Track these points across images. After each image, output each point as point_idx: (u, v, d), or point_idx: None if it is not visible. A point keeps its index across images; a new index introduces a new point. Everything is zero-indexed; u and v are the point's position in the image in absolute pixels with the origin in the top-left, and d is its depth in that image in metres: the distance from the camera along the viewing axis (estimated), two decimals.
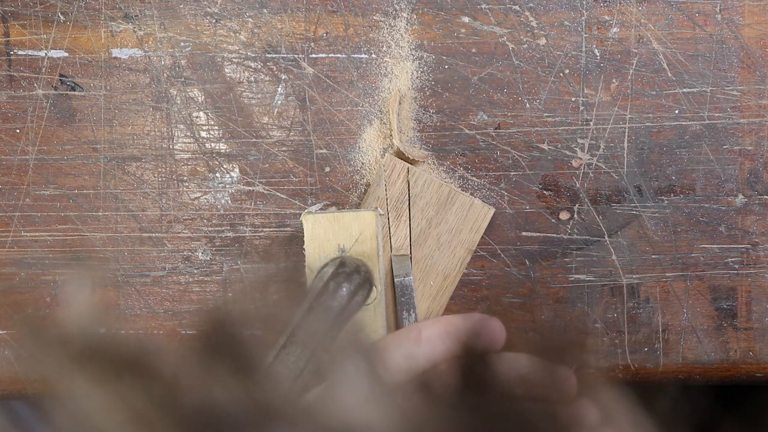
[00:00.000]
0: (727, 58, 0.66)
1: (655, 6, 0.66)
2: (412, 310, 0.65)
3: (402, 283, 0.65)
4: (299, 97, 0.67)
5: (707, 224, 0.67)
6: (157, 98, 0.67)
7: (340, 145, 0.67)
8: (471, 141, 0.66)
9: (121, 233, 0.67)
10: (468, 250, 0.66)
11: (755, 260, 0.67)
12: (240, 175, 0.67)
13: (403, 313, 0.64)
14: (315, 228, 0.62)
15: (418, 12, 0.66)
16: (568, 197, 0.67)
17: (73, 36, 0.66)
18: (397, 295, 0.65)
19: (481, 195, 0.67)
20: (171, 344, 0.67)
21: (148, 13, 0.66)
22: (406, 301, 0.65)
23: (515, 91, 0.66)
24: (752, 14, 0.65)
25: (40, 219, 0.67)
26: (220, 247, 0.67)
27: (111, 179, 0.67)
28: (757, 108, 0.66)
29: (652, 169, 0.66)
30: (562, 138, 0.66)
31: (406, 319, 0.65)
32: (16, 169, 0.67)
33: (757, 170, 0.66)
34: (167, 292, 0.68)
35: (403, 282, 0.65)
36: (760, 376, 0.68)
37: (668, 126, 0.66)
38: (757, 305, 0.67)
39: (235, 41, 0.66)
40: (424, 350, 0.58)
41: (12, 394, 0.68)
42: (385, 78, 0.66)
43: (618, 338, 0.67)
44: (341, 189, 0.67)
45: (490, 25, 0.66)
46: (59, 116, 0.67)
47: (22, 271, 0.68)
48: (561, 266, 0.67)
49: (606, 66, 0.66)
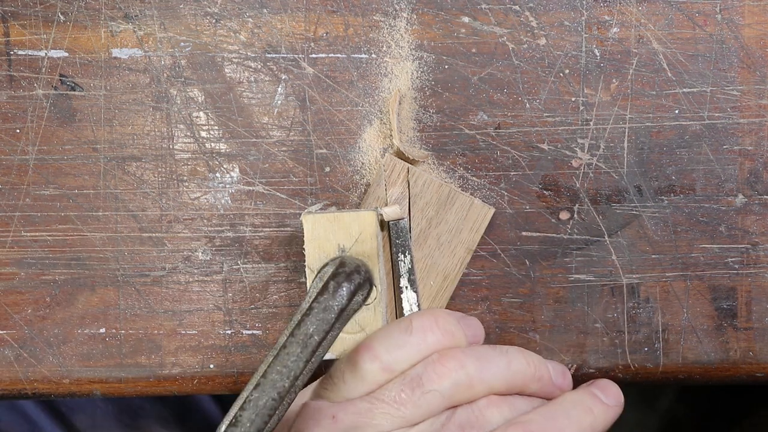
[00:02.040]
0: (727, 58, 0.66)
1: (655, 6, 0.66)
2: (408, 252, 0.64)
3: (397, 225, 0.64)
4: (299, 97, 0.67)
5: (707, 224, 0.67)
6: (157, 98, 0.67)
7: (340, 145, 0.67)
8: (471, 141, 0.66)
9: (121, 233, 0.67)
10: (468, 250, 0.66)
11: (755, 260, 0.67)
12: (240, 175, 0.67)
13: (398, 255, 0.64)
14: (315, 228, 0.62)
15: (418, 12, 0.66)
16: (568, 197, 0.67)
17: (73, 36, 0.66)
18: (392, 238, 0.65)
19: (481, 195, 0.67)
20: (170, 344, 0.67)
21: (148, 13, 0.66)
22: (401, 243, 0.65)
23: (515, 91, 0.66)
24: (752, 14, 0.65)
25: (40, 219, 0.67)
26: (220, 247, 0.67)
27: (111, 179, 0.67)
28: (757, 108, 0.66)
29: (652, 169, 0.66)
30: (562, 138, 0.66)
31: (401, 261, 0.64)
32: (16, 169, 0.67)
33: (757, 170, 0.66)
34: (167, 292, 0.68)
35: (398, 224, 0.64)
36: (760, 376, 0.68)
37: (668, 126, 0.66)
38: (757, 305, 0.67)
39: (235, 41, 0.66)
40: (415, 340, 0.58)
41: (12, 394, 0.68)
42: (385, 78, 0.66)
43: (618, 338, 0.67)
44: (341, 189, 0.67)
45: (490, 25, 0.66)
46: (59, 116, 0.67)
47: (22, 271, 0.68)
48: (561, 266, 0.67)
49: (606, 66, 0.66)
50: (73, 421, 0.88)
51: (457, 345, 0.59)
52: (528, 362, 0.59)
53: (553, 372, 0.60)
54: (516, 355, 0.59)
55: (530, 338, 0.67)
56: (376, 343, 0.59)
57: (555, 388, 0.60)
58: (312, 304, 0.59)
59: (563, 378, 0.61)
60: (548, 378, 0.60)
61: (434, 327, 0.59)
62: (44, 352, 0.68)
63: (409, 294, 0.64)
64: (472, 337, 0.60)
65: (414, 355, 0.58)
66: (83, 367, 0.68)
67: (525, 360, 0.59)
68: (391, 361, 0.58)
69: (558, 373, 0.61)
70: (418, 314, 0.60)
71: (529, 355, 0.60)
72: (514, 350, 0.60)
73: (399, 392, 0.57)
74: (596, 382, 0.61)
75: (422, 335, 0.58)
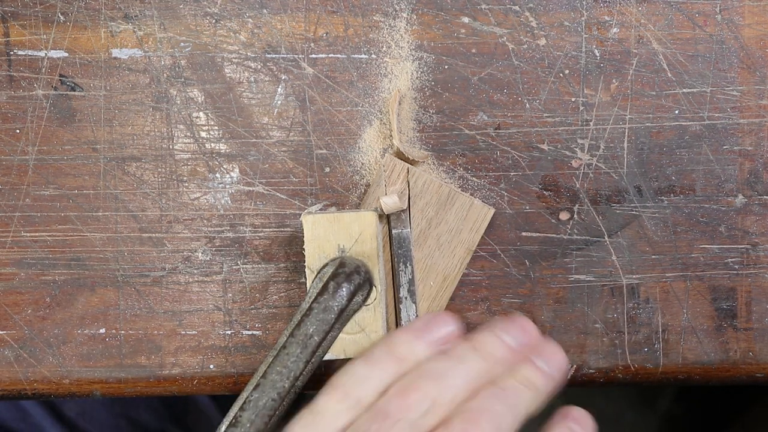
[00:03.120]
0: (727, 59, 0.66)
1: (655, 6, 0.66)
2: (409, 263, 0.64)
3: (400, 235, 0.64)
4: (299, 98, 0.67)
5: (707, 224, 0.67)
6: (157, 98, 0.67)
7: (340, 146, 0.67)
8: (471, 141, 0.66)
9: (121, 233, 0.67)
10: (468, 250, 0.66)
11: (755, 260, 0.67)
12: (240, 175, 0.67)
13: (399, 265, 0.64)
14: (315, 228, 0.62)
15: (418, 12, 0.66)
16: (568, 197, 0.67)
17: (73, 36, 0.66)
18: (394, 248, 0.65)
19: (481, 195, 0.67)
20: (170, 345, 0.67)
21: (148, 13, 0.66)
22: (403, 253, 0.65)
23: (515, 92, 0.66)
24: (752, 14, 0.66)
25: (40, 219, 0.67)
26: (220, 247, 0.67)
27: (111, 179, 0.67)
28: (757, 108, 0.66)
29: (652, 169, 0.66)
30: (562, 138, 0.66)
31: (402, 271, 0.64)
32: (16, 169, 0.67)
33: (757, 170, 0.66)
34: (167, 292, 0.68)
35: (401, 234, 0.64)
36: (760, 377, 0.68)
37: (668, 126, 0.66)
38: (757, 305, 0.67)
39: (235, 41, 0.66)
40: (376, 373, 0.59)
41: (12, 394, 0.68)
42: (385, 78, 0.66)
43: (618, 338, 0.67)
44: (341, 189, 0.67)
45: (490, 25, 0.66)
46: (59, 116, 0.67)
47: (22, 271, 0.68)
48: (561, 266, 0.67)
49: (606, 66, 0.66)
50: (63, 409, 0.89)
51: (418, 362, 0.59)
52: (486, 359, 0.59)
53: (513, 341, 0.60)
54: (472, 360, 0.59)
55: None
56: (340, 382, 0.59)
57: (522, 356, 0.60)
58: (312, 305, 0.59)
59: (524, 334, 0.60)
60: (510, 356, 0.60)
61: (390, 358, 0.59)
62: (44, 353, 0.68)
63: (407, 304, 0.64)
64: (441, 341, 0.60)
65: (378, 386, 0.59)
66: (83, 368, 0.68)
67: (482, 359, 0.59)
68: (359, 397, 0.58)
69: (519, 336, 0.60)
70: (377, 345, 0.60)
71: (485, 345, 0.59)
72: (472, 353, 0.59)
73: (368, 428, 0.57)
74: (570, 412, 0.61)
75: (381, 367, 0.59)
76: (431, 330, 0.60)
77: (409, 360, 0.59)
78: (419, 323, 0.61)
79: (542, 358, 0.60)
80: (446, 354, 0.59)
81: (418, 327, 0.60)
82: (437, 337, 0.60)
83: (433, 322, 0.60)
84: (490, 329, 0.61)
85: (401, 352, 0.59)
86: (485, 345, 0.60)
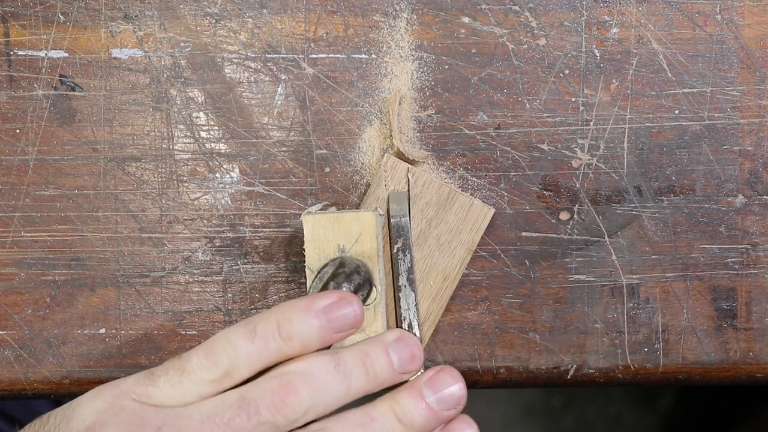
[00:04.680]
0: (727, 59, 0.66)
1: (655, 6, 0.66)
2: (408, 251, 0.64)
3: (398, 223, 0.64)
4: (299, 98, 0.67)
5: (707, 224, 0.67)
6: (157, 98, 0.67)
7: (340, 146, 0.67)
8: (471, 141, 0.66)
9: (121, 233, 0.67)
10: (468, 250, 0.66)
11: (755, 260, 0.67)
12: (240, 175, 0.67)
13: (398, 253, 0.64)
14: (315, 228, 0.62)
15: (418, 12, 0.66)
16: (568, 197, 0.67)
17: (73, 36, 0.66)
18: (392, 236, 0.64)
19: (481, 195, 0.67)
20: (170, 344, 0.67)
21: (148, 13, 0.66)
22: (403, 241, 0.64)
23: (515, 92, 0.66)
24: (752, 14, 0.65)
25: (40, 219, 0.67)
26: (220, 247, 0.67)
27: (111, 179, 0.67)
28: (757, 108, 0.66)
29: (652, 169, 0.66)
30: (562, 138, 0.66)
31: (401, 259, 0.64)
32: (16, 169, 0.67)
33: (757, 170, 0.66)
34: (167, 292, 0.68)
35: (399, 222, 0.64)
36: (760, 377, 0.68)
37: (668, 126, 0.66)
38: (757, 305, 0.67)
39: (235, 41, 0.66)
40: (256, 347, 0.56)
41: (12, 394, 0.68)
42: (385, 78, 0.66)
43: (618, 338, 0.67)
44: (341, 189, 0.67)
45: (490, 25, 0.66)
46: (59, 116, 0.67)
47: (22, 271, 0.68)
48: (561, 266, 0.67)
49: (606, 66, 0.66)
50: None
51: (304, 349, 0.57)
52: (368, 377, 0.57)
53: (398, 362, 0.59)
54: (357, 378, 0.57)
55: (530, 338, 0.67)
56: (217, 346, 0.56)
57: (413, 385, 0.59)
58: None
59: (411, 362, 0.59)
60: (390, 378, 0.58)
61: (276, 335, 0.56)
62: (44, 353, 0.68)
63: (407, 293, 0.64)
64: (337, 330, 0.57)
65: (255, 364, 0.56)
66: (83, 368, 0.68)
67: (366, 376, 0.57)
68: (230, 371, 0.56)
69: (405, 360, 0.59)
70: (264, 317, 0.57)
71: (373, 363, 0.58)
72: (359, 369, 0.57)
73: (234, 416, 0.55)
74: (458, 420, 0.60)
75: (264, 343, 0.56)
76: (331, 310, 0.57)
77: (295, 341, 0.56)
78: (320, 300, 0.57)
79: (436, 394, 0.59)
80: (336, 362, 0.57)
81: (317, 304, 0.57)
82: (333, 317, 0.57)
83: (336, 303, 0.58)
84: (381, 343, 0.59)
85: (290, 331, 0.56)
86: (374, 363, 0.58)
